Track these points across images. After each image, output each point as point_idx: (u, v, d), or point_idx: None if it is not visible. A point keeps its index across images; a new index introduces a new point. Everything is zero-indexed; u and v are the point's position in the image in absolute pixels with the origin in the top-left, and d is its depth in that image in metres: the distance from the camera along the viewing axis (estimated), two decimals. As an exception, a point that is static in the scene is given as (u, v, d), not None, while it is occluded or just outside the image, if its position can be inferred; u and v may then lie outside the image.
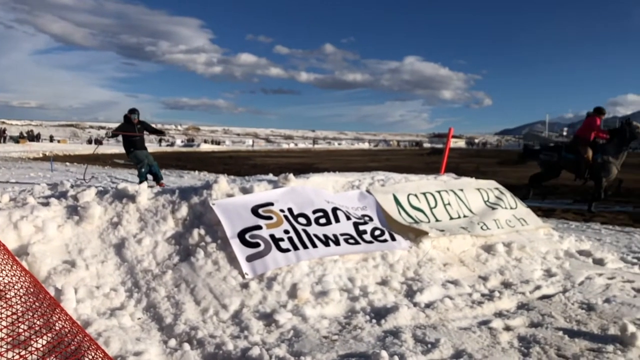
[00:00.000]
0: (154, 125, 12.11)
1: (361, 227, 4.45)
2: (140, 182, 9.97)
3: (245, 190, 4.49)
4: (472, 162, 29.74)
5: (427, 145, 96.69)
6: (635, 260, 5.22)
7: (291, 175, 4.68)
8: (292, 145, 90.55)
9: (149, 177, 11.04)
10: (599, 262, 5.02)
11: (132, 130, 10.67)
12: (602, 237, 6.83)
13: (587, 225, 8.04)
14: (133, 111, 10.87)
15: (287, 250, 3.93)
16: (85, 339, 2.57)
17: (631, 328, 3.08)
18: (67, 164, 23.95)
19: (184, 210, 4.29)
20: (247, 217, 4.12)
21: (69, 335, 2.55)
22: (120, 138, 11.25)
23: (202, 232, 4.06)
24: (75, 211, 4.20)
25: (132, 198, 4.39)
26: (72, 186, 5.38)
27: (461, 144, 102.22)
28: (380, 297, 3.67)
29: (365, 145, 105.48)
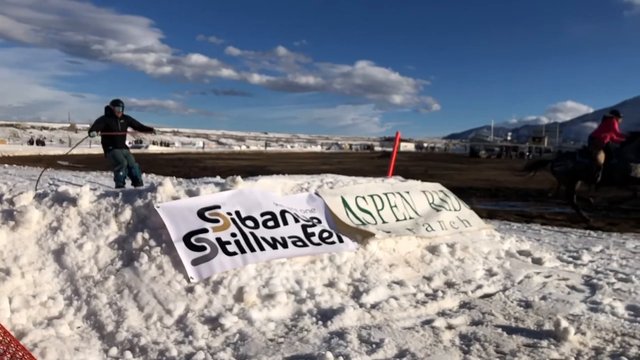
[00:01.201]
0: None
1: (309, 230, 4.47)
2: (117, 187, 8.83)
3: (191, 193, 4.43)
4: (421, 165, 30.43)
5: (378, 148, 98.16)
6: (570, 259, 5.48)
7: (239, 178, 4.65)
8: (243, 148, 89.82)
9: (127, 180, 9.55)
10: (538, 262, 5.24)
11: (114, 125, 9.21)
12: (541, 237, 7.12)
13: (528, 226, 8.38)
14: (117, 103, 9.29)
15: (234, 253, 3.90)
16: (19, 348, 2.47)
17: (564, 323, 3.23)
18: (6, 165, 22.89)
19: (127, 214, 4.18)
20: (193, 220, 4.06)
21: (1, 345, 2.44)
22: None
23: (147, 235, 3.97)
24: (10, 216, 4.01)
25: (73, 201, 4.24)
26: (10, 189, 5.14)
27: (411, 147, 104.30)
28: (327, 298, 3.70)
29: (318, 148, 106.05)
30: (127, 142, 10.04)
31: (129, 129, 9.77)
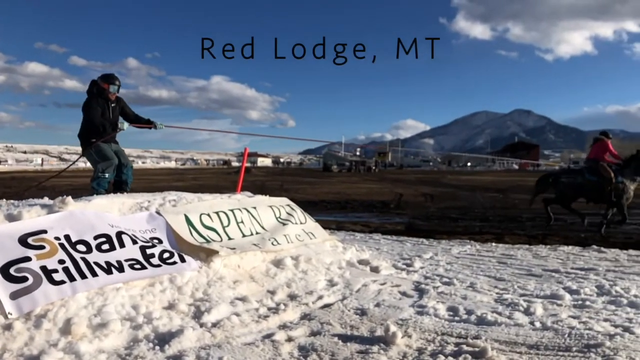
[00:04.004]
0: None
1: (149, 251, 4.29)
2: (97, 193, 6.30)
3: (12, 218, 3.99)
4: (277, 180, 30.95)
5: (235, 164, 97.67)
6: (404, 267, 5.92)
7: (69, 199, 4.30)
8: (89, 164, 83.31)
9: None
10: (375, 270, 5.59)
11: (106, 110, 6.58)
12: (380, 246, 7.61)
13: (370, 236, 8.91)
14: (112, 79, 6.61)
15: (62, 282, 3.58)
16: None
17: (393, 328, 3.48)
18: None
19: None
20: (12, 249, 3.65)
21: None
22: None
23: (-46, 269, 3.48)
24: None
25: None
26: None
27: (268, 162, 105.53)
28: (165, 322, 3.56)
29: (172, 164, 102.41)
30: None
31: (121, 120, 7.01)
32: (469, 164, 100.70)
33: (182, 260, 4.38)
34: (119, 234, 4.25)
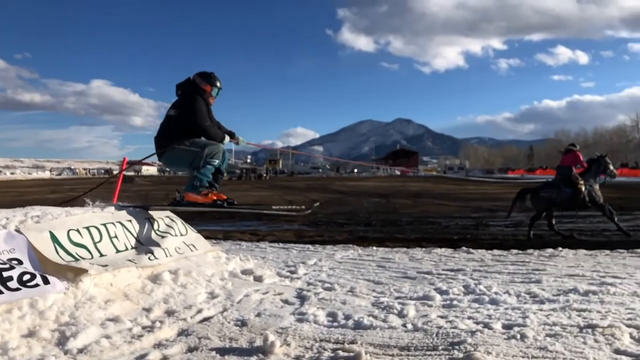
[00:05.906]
0: None
1: (5, 274, 3.88)
2: (197, 188, 5.88)
3: None
4: (162, 190, 29.74)
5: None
6: (288, 274, 5.93)
7: None
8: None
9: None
10: (259, 279, 5.55)
11: (204, 115, 5.78)
12: (266, 254, 7.57)
13: (257, 244, 8.85)
14: (214, 80, 5.85)
15: None
16: None
17: (271, 337, 3.47)
18: None
19: None
20: None
21: None
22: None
23: None
24: None
25: None
26: None
27: (153, 171, 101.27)
28: (23, 352, 3.24)
29: (47, 174, 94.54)
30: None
31: None
32: (355, 170, 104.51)
33: (46, 281, 4.02)
34: (-31, 256, 3.82)
